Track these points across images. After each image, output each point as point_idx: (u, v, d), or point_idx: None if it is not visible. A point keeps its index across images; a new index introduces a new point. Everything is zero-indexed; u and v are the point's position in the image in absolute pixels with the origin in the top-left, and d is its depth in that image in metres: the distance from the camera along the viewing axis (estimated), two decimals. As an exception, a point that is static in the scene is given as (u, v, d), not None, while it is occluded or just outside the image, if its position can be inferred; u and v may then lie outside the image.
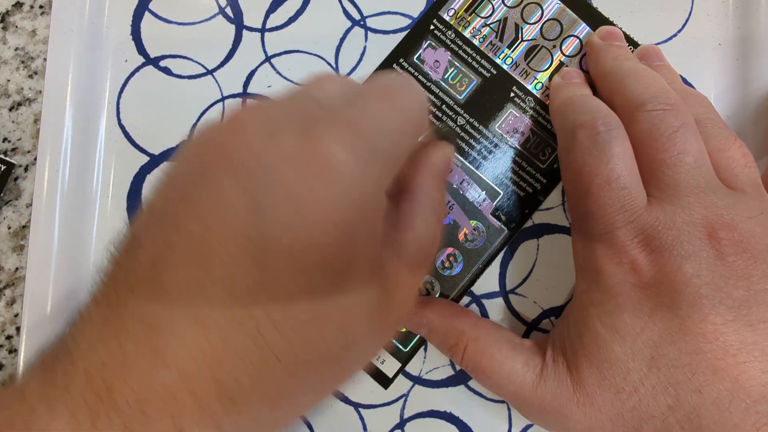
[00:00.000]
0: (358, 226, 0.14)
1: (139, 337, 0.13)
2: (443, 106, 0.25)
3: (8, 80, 0.27)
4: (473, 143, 0.25)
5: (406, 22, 0.26)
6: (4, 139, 0.26)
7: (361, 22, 0.26)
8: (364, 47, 0.26)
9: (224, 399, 0.13)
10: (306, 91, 0.17)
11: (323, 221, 0.14)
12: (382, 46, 0.26)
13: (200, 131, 0.15)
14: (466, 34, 0.26)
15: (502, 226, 0.25)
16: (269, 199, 0.13)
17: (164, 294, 0.13)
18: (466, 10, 0.26)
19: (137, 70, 0.26)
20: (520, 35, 0.25)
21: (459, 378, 0.25)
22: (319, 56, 0.26)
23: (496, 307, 0.25)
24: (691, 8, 0.26)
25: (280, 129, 0.14)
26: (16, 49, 0.27)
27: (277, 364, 0.14)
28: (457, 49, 0.25)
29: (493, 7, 0.26)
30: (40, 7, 0.27)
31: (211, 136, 0.15)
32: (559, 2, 0.26)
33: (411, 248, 0.17)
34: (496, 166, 0.25)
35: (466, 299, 0.25)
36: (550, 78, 0.25)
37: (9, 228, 0.26)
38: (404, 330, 0.24)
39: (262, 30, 0.26)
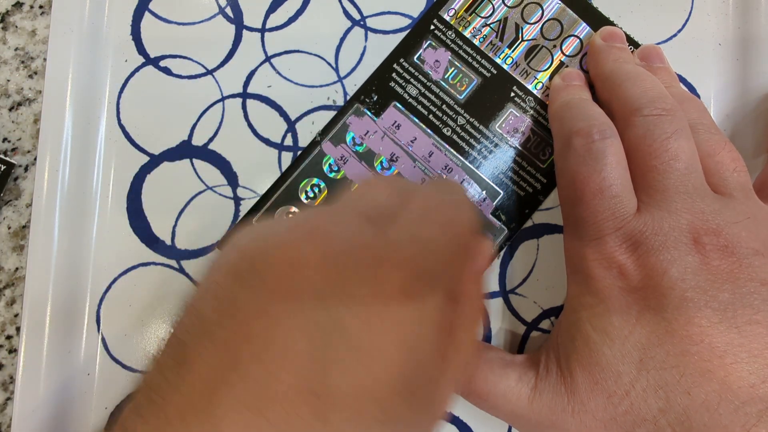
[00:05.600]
0: (417, 374, 0.14)
1: None
2: (443, 106, 0.25)
3: (8, 80, 0.27)
4: (473, 143, 0.25)
5: (406, 22, 0.26)
6: (4, 139, 0.26)
7: (361, 22, 0.26)
8: (364, 47, 0.26)
9: None
10: (355, 207, 0.17)
11: (384, 375, 0.14)
12: (382, 46, 0.26)
13: (251, 236, 0.15)
14: (467, 34, 0.26)
15: (502, 226, 0.25)
16: (334, 351, 0.13)
17: None
18: (466, 10, 0.26)
19: (137, 70, 0.26)
20: (520, 35, 0.25)
21: (459, 378, 0.25)
22: (319, 56, 0.26)
23: (496, 307, 0.25)
24: (691, 8, 0.26)
25: (345, 268, 0.14)
26: (16, 49, 0.27)
27: None
28: (457, 49, 0.25)
29: (493, 7, 0.26)
30: (40, 7, 0.27)
31: (272, 263, 0.14)
32: (560, 2, 0.26)
33: (457, 365, 0.17)
34: (497, 165, 0.25)
35: (466, 299, 0.25)
36: (551, 78, 0.25)
37: (9, 228, 0.26)
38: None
39: (262, 30, 0.26)
